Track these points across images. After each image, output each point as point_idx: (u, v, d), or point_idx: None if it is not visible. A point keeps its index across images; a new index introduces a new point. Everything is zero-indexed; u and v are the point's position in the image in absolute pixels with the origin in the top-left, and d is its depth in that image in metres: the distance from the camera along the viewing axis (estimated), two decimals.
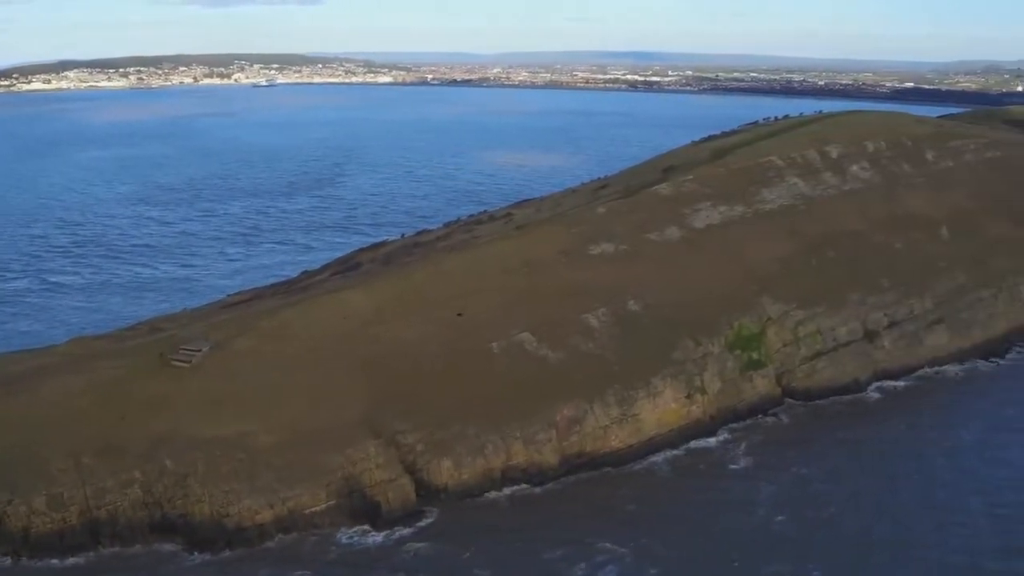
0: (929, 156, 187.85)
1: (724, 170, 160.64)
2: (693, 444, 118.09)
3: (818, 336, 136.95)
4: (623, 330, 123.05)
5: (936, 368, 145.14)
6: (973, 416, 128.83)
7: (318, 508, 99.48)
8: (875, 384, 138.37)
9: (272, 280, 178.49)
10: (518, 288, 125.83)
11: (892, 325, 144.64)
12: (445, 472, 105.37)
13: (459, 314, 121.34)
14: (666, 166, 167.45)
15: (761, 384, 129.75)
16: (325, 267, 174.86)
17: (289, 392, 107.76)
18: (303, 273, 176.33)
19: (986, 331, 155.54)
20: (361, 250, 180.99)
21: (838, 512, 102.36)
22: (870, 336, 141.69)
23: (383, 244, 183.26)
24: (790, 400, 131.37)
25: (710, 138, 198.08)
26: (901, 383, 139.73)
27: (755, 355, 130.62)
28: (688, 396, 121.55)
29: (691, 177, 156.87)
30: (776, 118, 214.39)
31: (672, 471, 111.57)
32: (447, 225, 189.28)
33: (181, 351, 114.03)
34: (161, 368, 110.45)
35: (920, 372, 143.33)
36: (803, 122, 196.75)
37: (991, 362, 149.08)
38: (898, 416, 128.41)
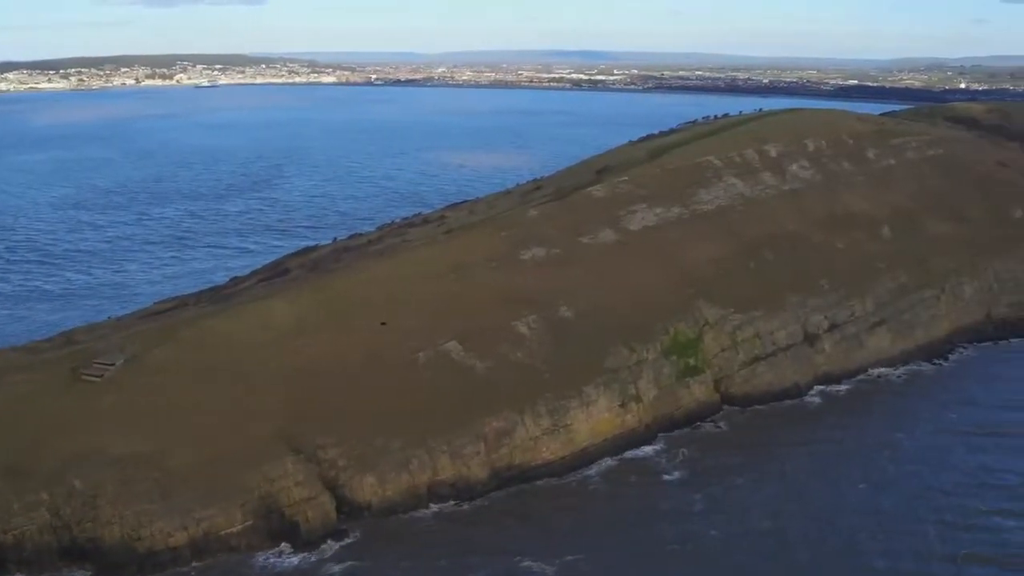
0: (870, 154, 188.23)
1: (660, 170, 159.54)
2: (628, 454, 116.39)
3: (757, 340, 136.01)
4: (555, 337, 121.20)
5: (878, 371, 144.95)
6: (916, 420, 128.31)
7: (234, 529, 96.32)
8: (816, 388, 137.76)
9: (204, 286, 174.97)
10: (445, 295, 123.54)
11: (833, 328, 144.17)
12: (368, 489, 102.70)
13: (383, 323, 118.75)
14: (601, 167, 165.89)
15: (698, 391, 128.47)
16: (254, 273, 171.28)
17: (206, 406, 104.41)
18: (232, 279, 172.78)
19: (929, 332, 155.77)
20: (291, 255, 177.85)
21: (775, 522, 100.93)
22: (810, 339, 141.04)
23: (313, 249, 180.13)
24: (729, 406, 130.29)
25: (647, 138, 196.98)
26: (843, 387, 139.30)
27: (692, 361, 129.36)
28: (623, 405, 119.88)
29: (626, 178, 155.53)
30: (716, 117, 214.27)
31: (605, 483, 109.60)
32: (380, 228, 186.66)
33: (94, 365, 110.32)
34: (73, 383, 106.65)
35: (862, 375, 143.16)
36: (742, 121, 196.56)
37: (934, 364, 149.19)
38: (840, 421, 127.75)
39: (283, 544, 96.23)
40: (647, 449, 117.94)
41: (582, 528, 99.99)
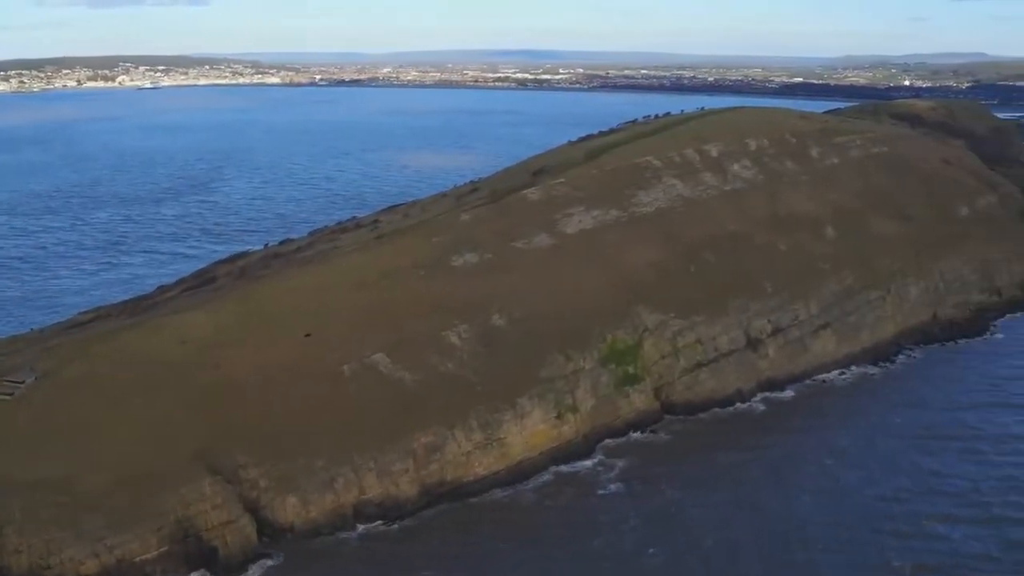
0: (814, 153, 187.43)
1: (598, 172, 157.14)
2: (565, 467, 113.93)
3: (698, 346, 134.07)
4: (487, 347, 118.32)
5: (823, 375, 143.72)
6: (863, 425, 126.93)
7: (149, 555, 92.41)
8: (760, 395, 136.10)
9: (134, 293, 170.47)
10: (372, 305, 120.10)
11: (776, 332, 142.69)
12: (290, 510, 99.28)
13: (307, 335, 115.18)
14: (538, 168, 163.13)
15: (638, 399, 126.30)
16: (180, 281, 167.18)
17: (120, 426, 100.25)
18: (159, 288, 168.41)
19: (874, 334, 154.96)
20: (220, 262, 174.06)
21: (717, 536, 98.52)
22: (753, 344, 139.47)
23: (243, 255, 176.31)
24: (670, 415, 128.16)
25: (587, 138, 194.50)
26: (787, 393, 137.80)
27: (631, 369, 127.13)
28: (558, 416, 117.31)
29: (563, 180, 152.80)
30: (657, 116, 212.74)
31: (540, 498, 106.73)
32: (313, 233, 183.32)
33: (4, 382, 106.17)
34: None
35: (807, 380, 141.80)
36: (683, 120, 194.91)
37: (880, 366, 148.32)
38: (784, 428, 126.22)
39: (201, 570, 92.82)
40: (585, 462, 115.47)
41: (515, 547, 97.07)
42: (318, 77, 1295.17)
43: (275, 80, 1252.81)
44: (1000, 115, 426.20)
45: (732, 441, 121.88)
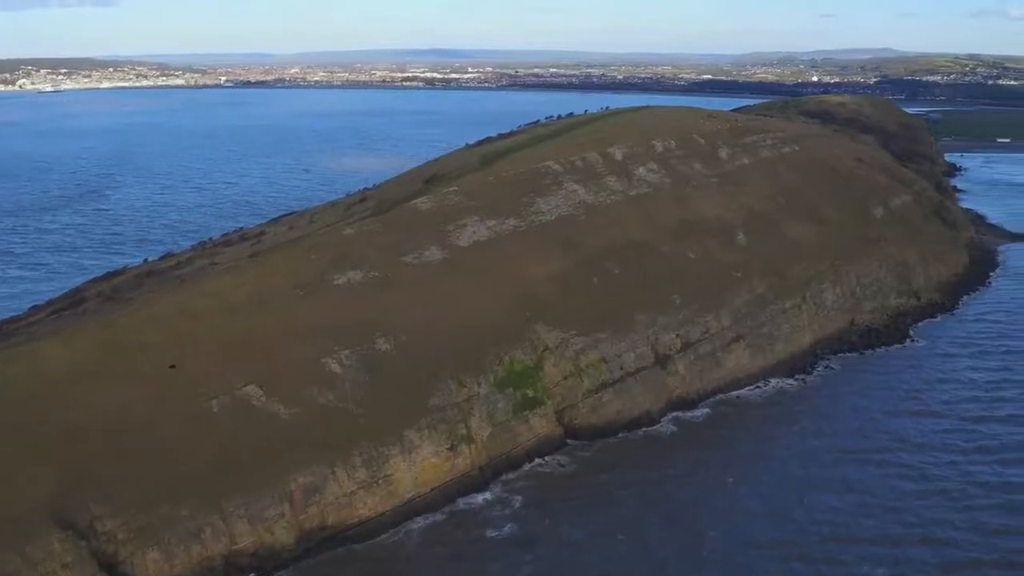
0: (723, 154, 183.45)
1: (494, 178, 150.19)
2: (460, 502, 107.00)
3: (603, 365, 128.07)
4: (371, 375, 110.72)
5: (737, 391, 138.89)
6: (779, 447, 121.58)
7: None
8: (670, 415, 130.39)
9: (11, 314, 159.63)
10: (244, 331, 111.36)
11: (686, 347, 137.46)
12: (152, 565, 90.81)
13: (172, 366, 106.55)
14: (430, 175, 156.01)
15: (539, 425, 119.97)
16: (50, 303, 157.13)
17: None
18: (31, 309, 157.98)
19: (790, 345, 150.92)
20: (94, 280, 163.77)
21: None
22: (662, 361, 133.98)
23: (118, 273, 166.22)
24: (573, 440, 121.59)
25: (485, 141, 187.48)
26: (698, 412, 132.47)
27: (530, 392, 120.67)
28: (451, 448, 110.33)
29: (456, 188, 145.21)
30: (560, 116, 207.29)
31: (426, 544, 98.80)
32: (195, 247, 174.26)
33: None
34: None
35: (720, 396, 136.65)
36: (586, 121, 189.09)
37: (797, 380, 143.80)
38: (696, 452, 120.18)
39: None
40: (480, 497, 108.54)
41: None
42: (224, 79, 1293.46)
43: (180, 82, 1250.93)
44: (908, 110, 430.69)
45: (639, 468, 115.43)
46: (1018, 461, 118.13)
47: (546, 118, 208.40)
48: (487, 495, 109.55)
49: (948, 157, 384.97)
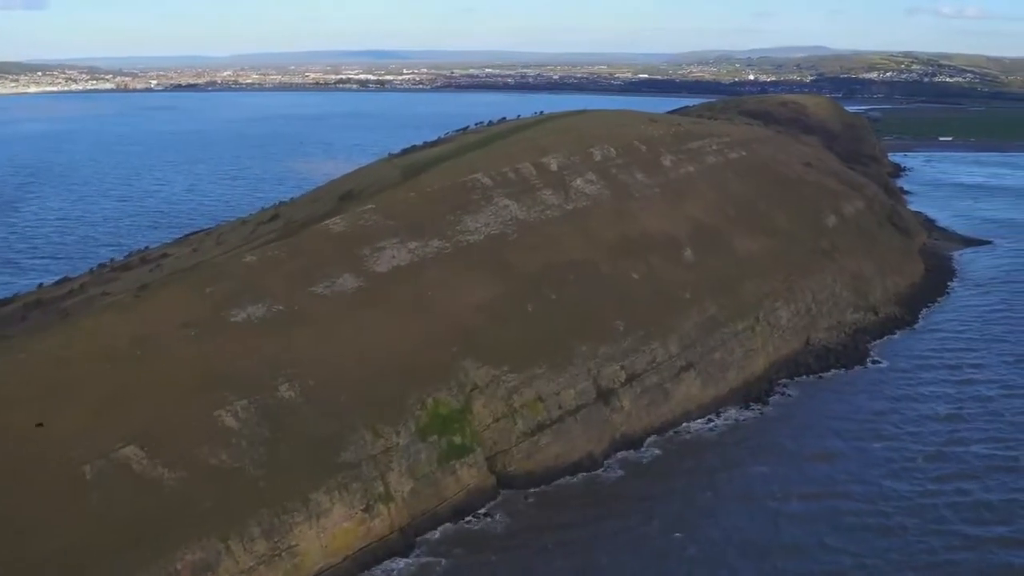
0: (666, 162, 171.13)
1: (416, 194, 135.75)
2: (378, 572, 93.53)
3: (539, 404, 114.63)
4: (273, 429, 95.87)
5: (688, 425, 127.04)
6: (735, 490, 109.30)
7: None
8: (615, 456, 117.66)
9: None
10: (124, 381, 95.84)
11: (631, 379, 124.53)
12: None
13: (39, 424, 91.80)
14: (345, 191, 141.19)
15: (468, 475, 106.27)
16: None
17: None
18: None
19: (743, 371, 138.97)
20: None
21: None
22: (605, 396, 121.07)
23: (7, 302, 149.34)
24: (508, 490, 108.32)
25: (409, 151, 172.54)
26: (646, 452, 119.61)
27: (457, 438, 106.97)
28: (367, 509, 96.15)
29: (373, 206, 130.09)
30: (490, 122, 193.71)
31: None
32: (93, 271, 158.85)
33: None
34: None
35: (669, 433, 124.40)
36: (519, 127, 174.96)
37: (753, 410, 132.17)
38: (643, 499, 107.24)
39: None
40: (401, 563, 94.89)
41: None
42: (154, 82, 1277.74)
43: (110, 85, 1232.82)
44: (847, 108, 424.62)
45: (579, 523, 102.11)
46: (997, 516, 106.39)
47: (476, 124, 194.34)
48: (409, 560, 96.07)
49: (891, 157, 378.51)
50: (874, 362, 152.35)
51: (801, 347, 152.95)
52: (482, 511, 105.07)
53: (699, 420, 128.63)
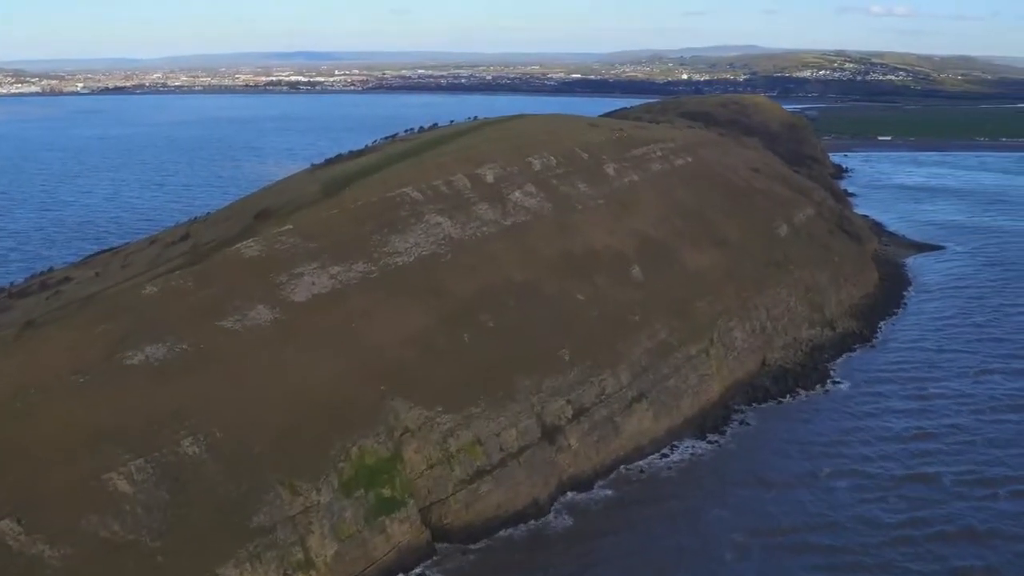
0: (610, 170, 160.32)
1: (339, 212, 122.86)
2: None
3: (478, 448, 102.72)
4: (173, 492, 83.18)
5: (640, 462, 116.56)
6: (696, 539, 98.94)
7: None
8: (562, 499, 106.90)
9: None
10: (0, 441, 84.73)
11: (579, 414, 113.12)
12: None
13: None
14: (261, 208, 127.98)
15: (399, 532, 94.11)
16: None
17: None
18: None
19: (698, 399, 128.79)
20: None
21: None
22: (550, 434, 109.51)
23: None
24: (444, 544, 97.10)
25: (333, 160, 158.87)
26: (597, 493, 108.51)
27: (387, 491, 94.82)
28: None
29: (291, 226, 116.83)
30: (420, 128, 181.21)
31: None
32: None
33: None
34: None
35: (621, 470, 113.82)
36: (452, 135, 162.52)
37: (710, 442, 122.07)
38: (592, 556, 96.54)
39: None
40: None
41: None
42: (80, 86, 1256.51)
43: (36, 89, 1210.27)
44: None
45: None
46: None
47: (406, 130, 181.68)
48: None
49: (831, 157, 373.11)
50: (835, 383, 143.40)
51: (757, 368, 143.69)
52: (416, 571, 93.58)
53: (652, 455, 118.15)
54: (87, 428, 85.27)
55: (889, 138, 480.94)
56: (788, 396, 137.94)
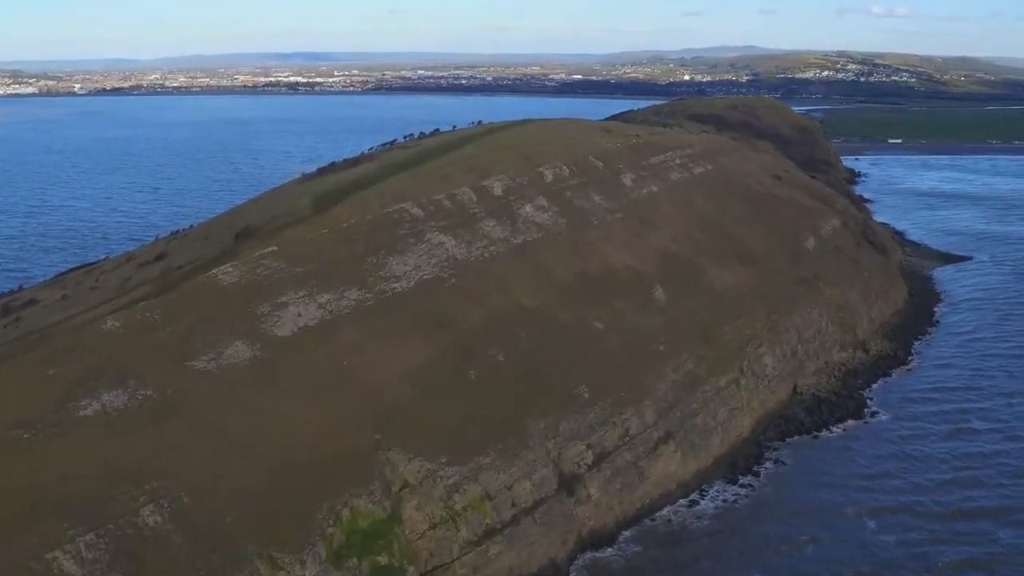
0: (627, 180, 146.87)
1: (329, 231, 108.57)
2: None
3: (486, 504, 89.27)
4: (131, 572, 70.47)
5: (668, 508, 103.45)
6: None
7: None
8: (582, 558, 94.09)
9: None
10: None
11: (600, 460, 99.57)
12: None
13: None
14: (243, 226, 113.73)
15: None
16: None
17: None
18: None
19: (728, 435, 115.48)
20: None
21: None
22: (568, 485, 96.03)
23: None
24: None
25: (325, 170, 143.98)
26: (619, 550, 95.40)
27: (383, 558, 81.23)
28: None
29: (275, 248, 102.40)
30: (420, 134, 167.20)
31: None
32: None
33: None
34: None
35: (646, 523, 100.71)
36: (455, 142, 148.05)
37: (743, 486, 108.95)
38: None
39: None
40: None
41: None
42: (78, 87, 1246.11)
43: (32, 90, 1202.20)
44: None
45: None
46: None
47: (404, 137, 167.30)
48: None
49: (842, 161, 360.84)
50: (873, 413, 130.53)
51: (788, 397, 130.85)
52: None
53: (680, 500, 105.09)
54: (28, 495, 71.33)
55: (900, 141, 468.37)
56: (824, 430, 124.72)
